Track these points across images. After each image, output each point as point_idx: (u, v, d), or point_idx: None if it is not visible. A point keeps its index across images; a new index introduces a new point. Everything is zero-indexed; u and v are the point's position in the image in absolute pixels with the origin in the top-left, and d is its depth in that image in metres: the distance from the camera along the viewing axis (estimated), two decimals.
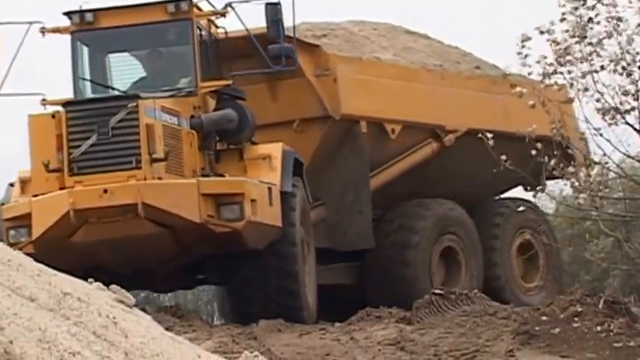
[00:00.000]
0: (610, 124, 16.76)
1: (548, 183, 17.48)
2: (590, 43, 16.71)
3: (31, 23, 19.44)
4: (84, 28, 19.10)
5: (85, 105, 18.40)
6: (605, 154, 17.19)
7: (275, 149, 19.14)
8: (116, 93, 19.13)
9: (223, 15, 19.36)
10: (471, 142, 20.63)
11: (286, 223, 18.87)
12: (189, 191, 18.07)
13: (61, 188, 17.90)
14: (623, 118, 16.76)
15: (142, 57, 20.25)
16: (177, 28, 19.32)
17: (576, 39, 16.69)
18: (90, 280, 7.39)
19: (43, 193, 18.08)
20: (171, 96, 19.19)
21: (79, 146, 17.85)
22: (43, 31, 19.38)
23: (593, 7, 16.73)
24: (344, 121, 21.54)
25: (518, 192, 23.86)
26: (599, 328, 15.43)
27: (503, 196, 25.10)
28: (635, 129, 16.82)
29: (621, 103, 16.72)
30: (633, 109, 16.71)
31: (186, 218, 17.89)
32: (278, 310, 18.55)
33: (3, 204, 19.58)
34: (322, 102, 21.36)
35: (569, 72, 16.74)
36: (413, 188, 22.70)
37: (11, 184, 19.46)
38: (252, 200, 18.44)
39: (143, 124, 17.85)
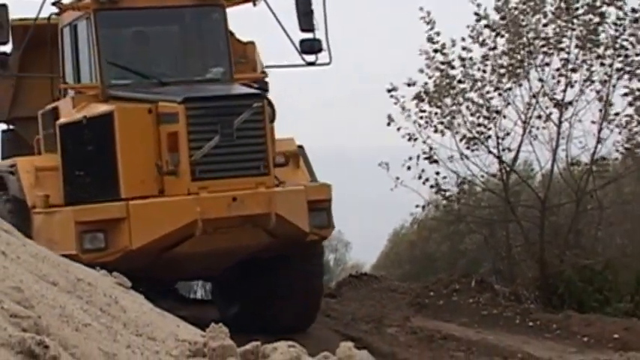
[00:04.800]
0: (473, 150, 16.81)
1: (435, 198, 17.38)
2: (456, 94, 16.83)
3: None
4: (108, 7, 13.03)
5: (206, 102, 12.43)
6: (473, 174, 17.24)
7: (290, 145, 13.48)
8: (241, 90, 12.92)
9: (254, 3, 13.61)
10: None
11: None
12: (301, 199, 12.72)
13: (160, 192, 12.25)
14: (484, 145, 16.79)
15: (169, 42, 14.04)
16: (208, 14, 13.59)
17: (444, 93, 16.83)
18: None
19: (137, 197, 12.19)
20: None
21: (199, 147, 12.11)
22: (60, 7, 13.32)
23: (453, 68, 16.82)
24: None
25: None
26: (471, 300, 15.54)
27: None
28: (493, 154, 16.87)
29: (481, 133, 16.76)
30: (490, 137, 16.77)
31: (301, 228, 12.57)
32: (299, 310, 13.15)
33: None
34: None
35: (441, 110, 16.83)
36: None
37: (11, 173, 13.13)
38: None
39: (268, 126, 12.48)
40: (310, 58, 13.40)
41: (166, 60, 13.76)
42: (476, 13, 16.67)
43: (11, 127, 14.89)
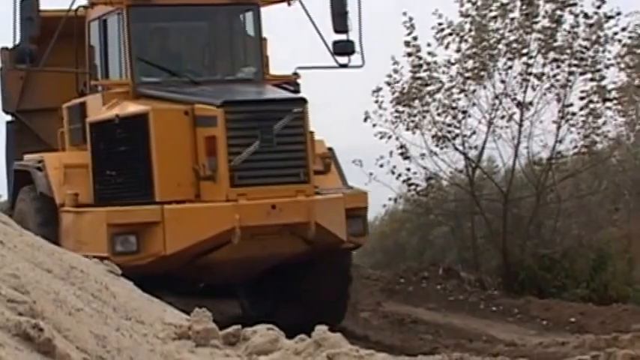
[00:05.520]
0: (442, 148, 16.85)
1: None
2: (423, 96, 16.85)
3: None
4: (142, 3, 11.87)
5: (246, 106, 11.30)
6: (441, 170, 17.28)
7: (321, 147, 12.17)
8: (282, 94, 11.84)
9: (288, 3, 12.32)
10: None
11: None
12: (339, 207, 11.63)
13: (196, 196, 11.16)
14: (452, 143, 16.84)
15: (201, 40, 12.75)
16: (242, 12, 12.42)
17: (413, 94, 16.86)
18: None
19: (171, 202, 11.09)
20: None
21: (237, 153, 11.00)
22: (92, 0, 12.11)
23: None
24: None
25: None
26: (438, 287, 15.57)
27: None
28: (459, 151, 16.91)
29: (449, 132, 16.80)
30: (457, 135, 16.81)
31: (339, 237, 11.52)
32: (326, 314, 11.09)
33: (16, 194, 12.57)
34: None
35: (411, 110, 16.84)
36: None
37: (39, 169, 12.01)
38: None
39: (308, 132, 11.41)
40: (343, 59, 12.35)
41: (198, 58, 12.69)
42: (439, 23, 16.70)
43: (14, 118, 13.88)
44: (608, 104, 16.68)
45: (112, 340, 4.79)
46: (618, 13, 16.38)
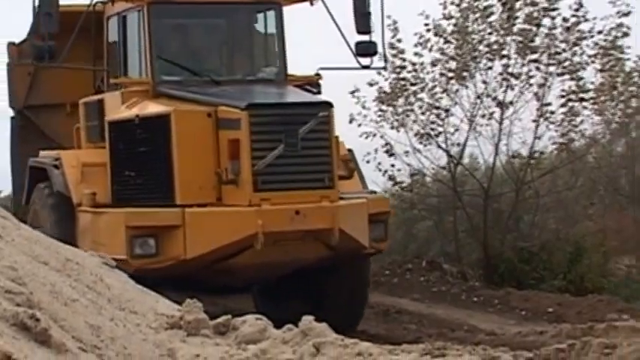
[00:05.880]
0: (425, 145, 16.87)
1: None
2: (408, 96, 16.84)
3: None
4: (163, 0, 11.28)
5: (271, 109, 10.61)
6: (424, 167, 17.29)
7: (341, 147, 11.41)
8: (307, 97, 11.15)
9: (311, 2, 11.64)
10: None
11: None
12: (363, 213, 10.94)
13: (218, 200, 10.49)
14: (435, 140, 16.86)
15: (222, 39, 11.95)
16: (265, 12, 11.68)
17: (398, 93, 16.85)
18: None
19: (193, 205, 10.42)
20: None
21: (261, 157, 10.32)
22: None
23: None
24: None
25: None
26: (422, 279, 15.56)
27: None
28: (442, 148, 16.94)
29: (432, 130, 16.81)
30: (440, 133, 16.82)
31: (361, 243, 10.86)
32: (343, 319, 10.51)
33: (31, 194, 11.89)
34: None
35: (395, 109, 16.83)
36: None
37: (55, 167, 11.35)
38: None
39: (333, 136, 10.72)
40: (365, 61, 11.66)
41: (219, 57, 11.93)
42: (426, 24, 16.70)
43: (18, 114, 13.20)
44: (585, 104, 16.71)
45: (106, 330, 4.77)
46: (594, 18, 16.44)
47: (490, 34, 16.55)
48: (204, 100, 10.81)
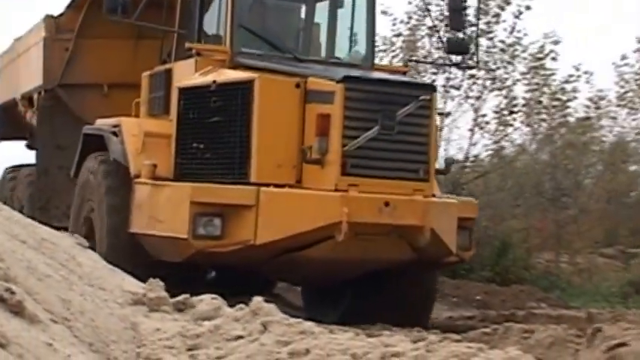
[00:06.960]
0: None
1: None
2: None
3: None
4: None
5: (369, 85, 8.54)
6: None
7: None
8: (409, 78, 9.41)
9: None
10: None
11: None
12: (453, 215, 8.80)
13: (297, 181, 8.48)
14: None
15: (308, 17, 9.85)
16: None
17: None
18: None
19: (269, 184, 8.38)
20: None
21: (354, 137, 8.31)
22: None
23: None
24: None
25: None
26: None
27: None
28: None
29: None
30: None
31: (449, 248, 8.77)
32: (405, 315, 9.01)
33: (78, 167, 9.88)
34: None
35: None
36: None
37: (114, 134, 9.32)
38: None
39: (434, 124, 8.71)
40: (456, 58, 10.15)
41: (300, 36, 9.81)
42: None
43: (46, 92, 11.34)
44: (514, 116, 16.90)
45: (75, 304, 4.74)
46: (525, 34, 16.64)
47: (436, 49, 16.64)
48: (291, 71, 8.89)
